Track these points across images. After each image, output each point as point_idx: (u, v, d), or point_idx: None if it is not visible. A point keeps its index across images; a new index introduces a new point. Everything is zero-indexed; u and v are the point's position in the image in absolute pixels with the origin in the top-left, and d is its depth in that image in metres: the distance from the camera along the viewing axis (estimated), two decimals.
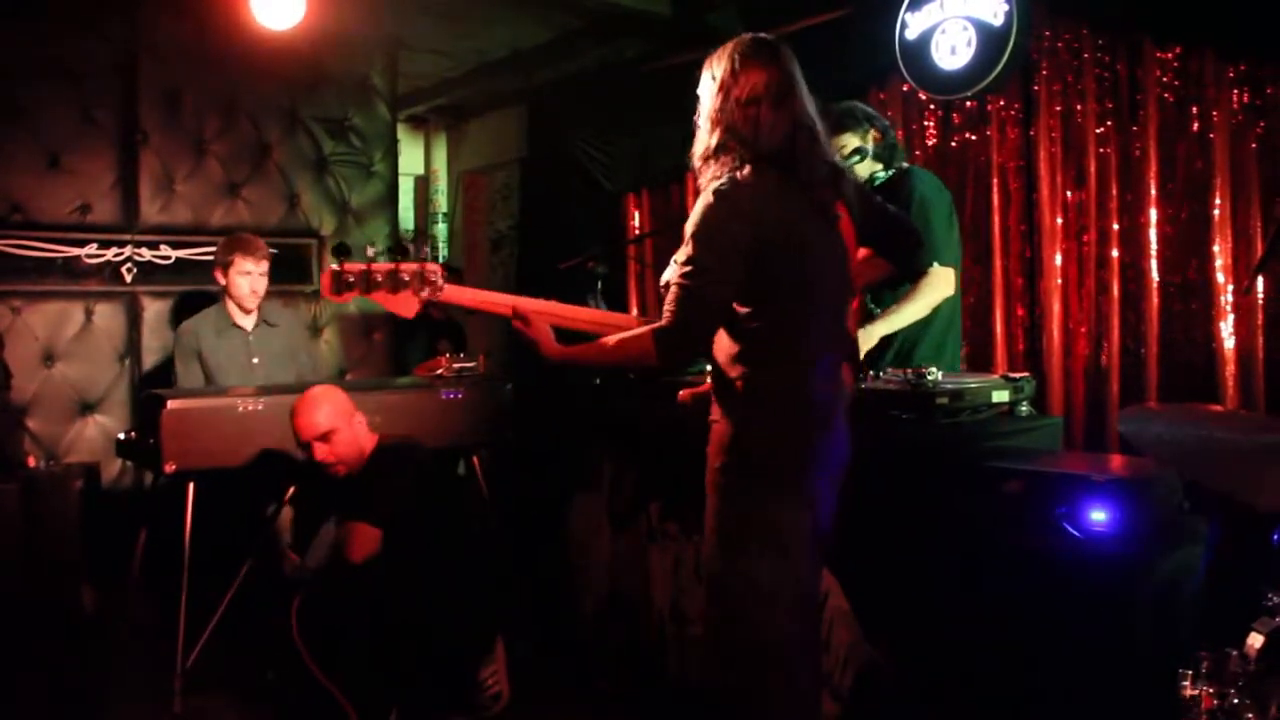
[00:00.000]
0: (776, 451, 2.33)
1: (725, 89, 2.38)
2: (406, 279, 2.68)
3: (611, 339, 2.44)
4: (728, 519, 2.37)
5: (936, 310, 3.63)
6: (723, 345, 2.38)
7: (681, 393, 2.72)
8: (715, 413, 2.41)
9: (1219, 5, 3.87)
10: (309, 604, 3.33)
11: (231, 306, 4.58)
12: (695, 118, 2.46)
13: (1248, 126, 3.90)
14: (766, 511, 2.32)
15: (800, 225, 2.33)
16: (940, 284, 3.59)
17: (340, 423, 3.45)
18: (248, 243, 4.60)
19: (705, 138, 2.41)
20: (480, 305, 2.76)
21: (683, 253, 2.30)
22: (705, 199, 2.30)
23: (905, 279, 3.54)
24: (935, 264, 3.57)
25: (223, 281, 4.56)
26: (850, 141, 3.64)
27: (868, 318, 3.58)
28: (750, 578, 2.33)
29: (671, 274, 2.34)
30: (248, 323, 4.61)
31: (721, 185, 2.29)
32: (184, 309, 4.76)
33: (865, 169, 3.65)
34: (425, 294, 2.70)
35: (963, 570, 2.82)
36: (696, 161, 2.43)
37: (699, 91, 2.46)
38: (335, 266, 2.66)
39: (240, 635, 4.22)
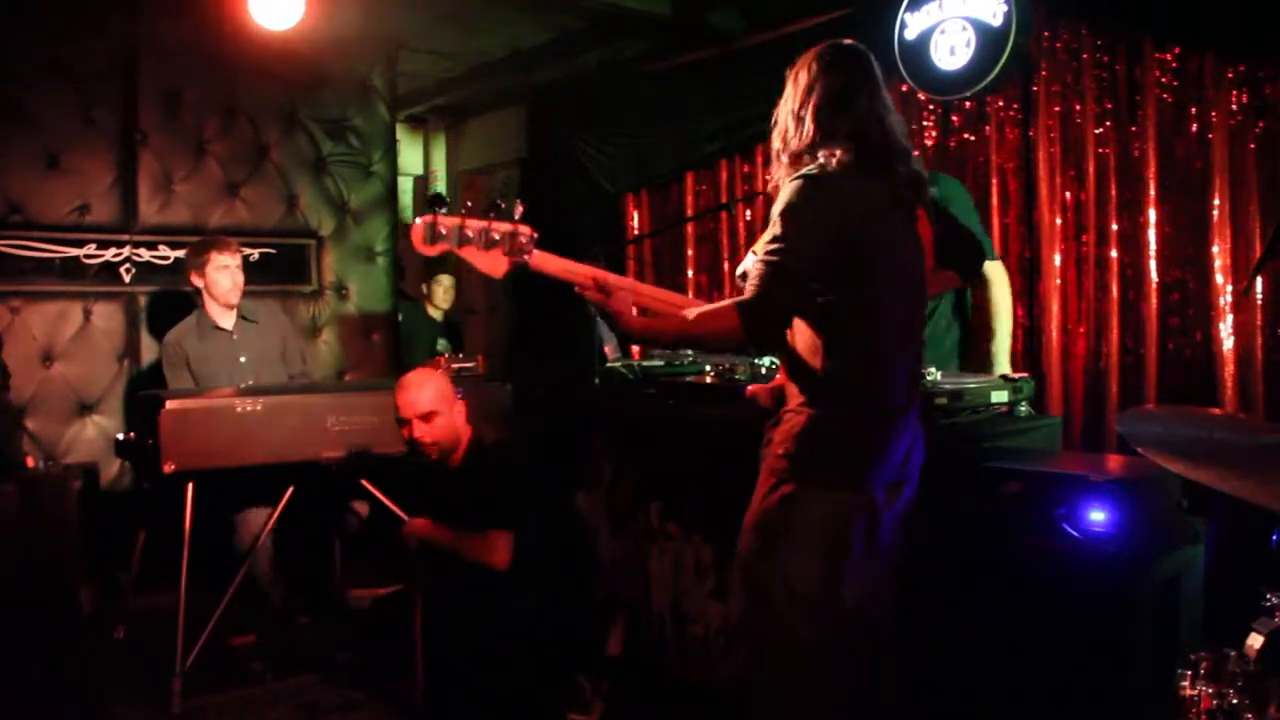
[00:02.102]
0: (849, 447, 2.32)
1: (785, 99, 2.45)
2: (498, 238, 2.59)
3: (692, 312, 2.42)
4: (775, 511, 2.34)
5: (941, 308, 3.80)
6: (804, 336, 2.36)
7: (751, 388, 2.71)
8: (792, 403, 2.38)
9: (1218, 5, 3.87)
10: (436, 607, 3.39)
11: (212, 308, 4.58)
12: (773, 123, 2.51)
13: (1247, 127, 3.90)
14: (818, 508, 2.31)
15: (886, 218, 2.34)
16: (1005, 274, 3.92)
17: (443, 406, 3.49)
18: (219, 239, 4.64)
19: (773, 142, 2.48)
20: (565, 275, 2.68)
21: (770, 231, 2.31)
22: (794, 182, 2.31)
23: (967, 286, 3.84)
24: (993, 260, 3.86)
25: (200, 283, 4.56)
26: None
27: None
28: (787, 574, 2.31)
29: (751, 262, 2.33)
30: (229, 322, 4.61)
31: (811, 170, 2.31)
32: (180, 309, 4.75)
33: None
34: (514, 257, 2.62)
35: (962, 571, 2.82)
36: (772, 163, 2.49)
37: None
38: (430, 217, 2.55)
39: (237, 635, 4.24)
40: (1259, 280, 3.82)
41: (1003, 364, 3.87)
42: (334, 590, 4.19)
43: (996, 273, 3.88)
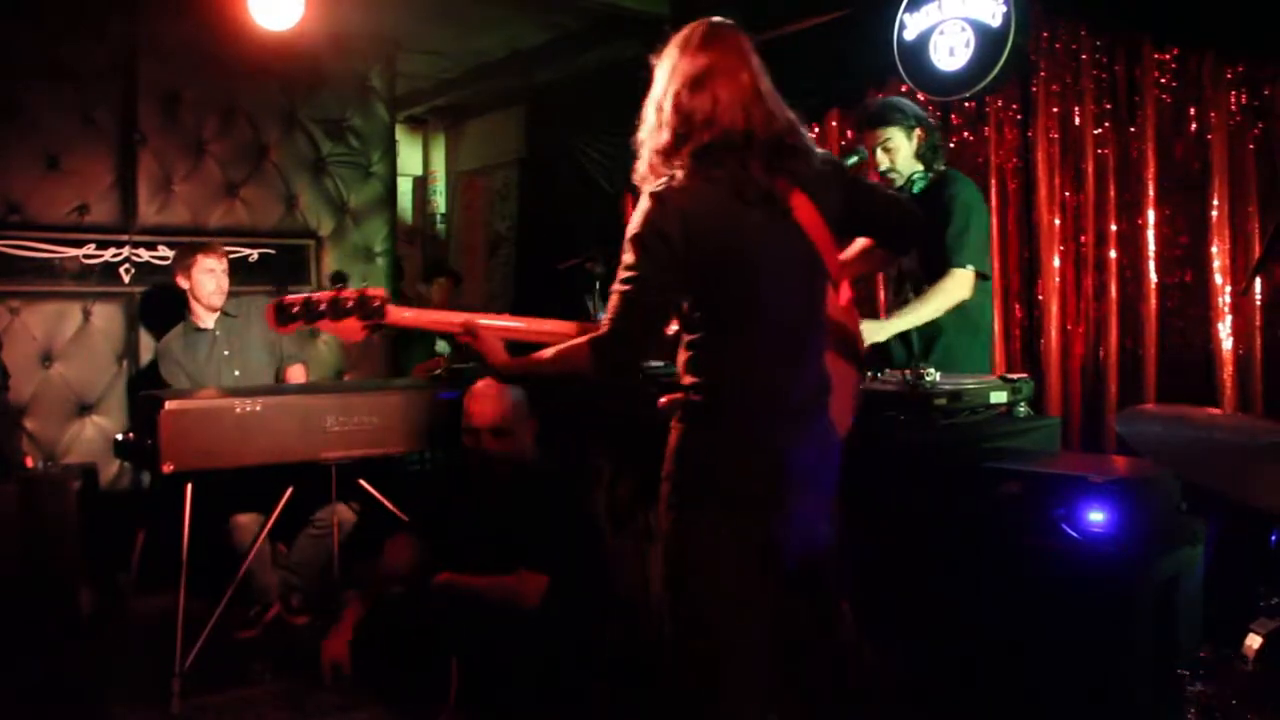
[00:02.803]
0: (722, 461, 2.24)
1: (651, 86, 2.37)
2: (349, 306, 2.70)
3: (554, 349, 2.39)
4: (668, 528, 2.30)
5: (966, 313, 3.66)
6: (680, 353, 2.33)
7: (662, 399, 2.62)
8: (674, 418, 2.33)
9: (1217, 6, 3.87)
10: (472, 643, 3.34)
11: (196, 310, 4.62)
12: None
13: (1246, 127, 3.90)
14: (705, 523, 2.23)
15: (741, 221, 2.21)
16: (958, 287, 3.60)
17: (518, 425, 3.42)
18: (206, 244, 4.69)
19: (639, 134, 2.39)
20: (428, 325, 2.83)
21: (623, 256, 2.25)
22: (642, 202, 2.24)
23: (901, 253, 3.46)
24: (961, 267, 3.59)
25: (186, 285, 4.59)
26: (893, 135, 3.66)
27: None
28: (687, 588, 2.27)
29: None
30: (209, 321, 4.64)
31: (657, 188, 2.22)
32: (179, 309, 4.74)
33: (905, 167, 3.67)
34: (369, 320, 2.71)
35: (961, 572, 2.82)
36: (638, 157, 2.39)
37: None
38: (277, 300, 2.72)
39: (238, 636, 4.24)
40: (1258, 281, 3.82)
41: (882, 328, 3.56)
42: (333, 591, 4.18)
43: (957, 276, 3.59)
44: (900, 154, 3.66)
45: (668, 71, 2.33)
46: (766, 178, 2.23)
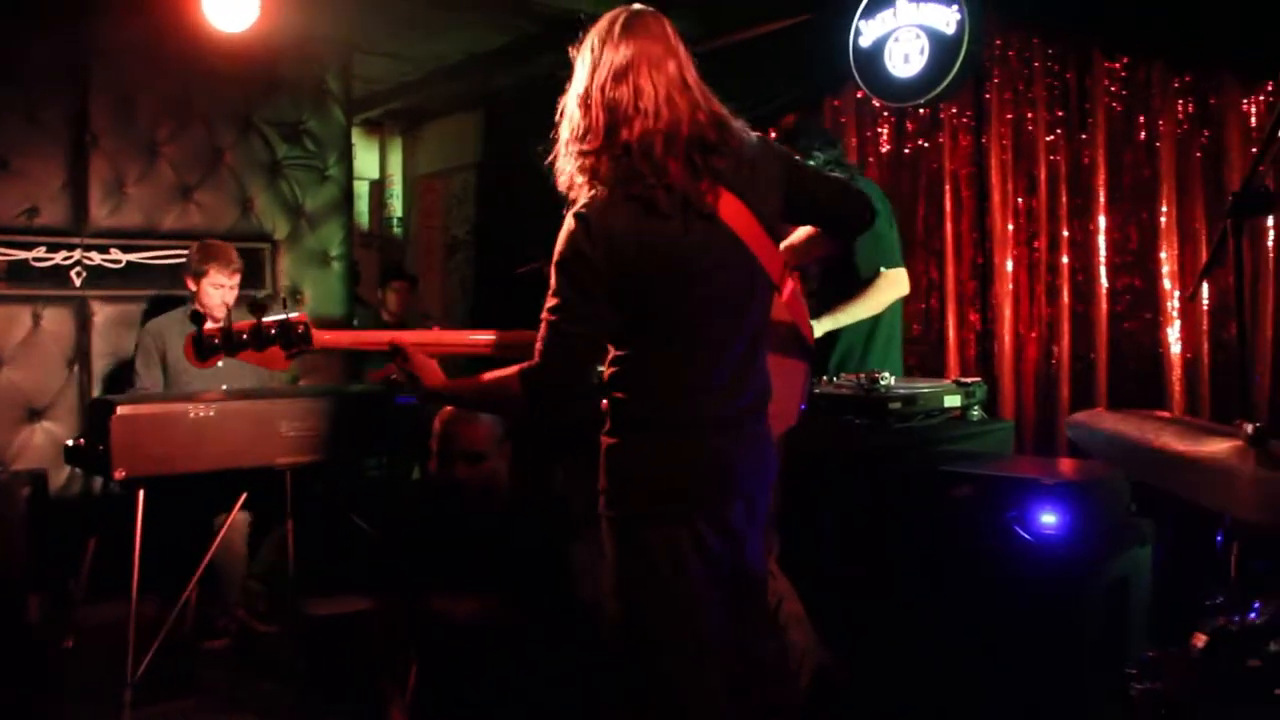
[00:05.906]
0: (651, 471, 2.15)
1: (574, 81, 2.24)
2: (272, 334, 2.53)
3: (486, 377, 2.28)
4: (607, 542, 2.21)
5: (883, 314, 3.71)
6: (606, 367, 2.23)
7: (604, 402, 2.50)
8: (602, 433, 2.24)
9: (1166, 17, 3.94)
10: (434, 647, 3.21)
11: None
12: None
13: (1193, 135, 3.97)
14: (639, 538, 2.16)
15: (661, 237, 2.09)
16: (895, 285, 3.68)
17: (492, 449, 3.17)
18: (223, 254, 4.53)
19: (560, 132, 2.27)
20: (358, 345, 2.72)
21: (551, 281, 2.14)
22: (566, 224, 2.14)
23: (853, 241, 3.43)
24: (892, 267, 3.66)
25: (193, 289, 4.51)
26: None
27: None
28: (630, 599, 2.20)
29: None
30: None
31: (579, 208, 2.13)
32: (132, 314, 4.68)
33: None
34: (294, 347, 2.54)
35: (916, 573, 2.84)
36: (561, 155, 2.28)
37: None
38: (196, 332, 2.52)
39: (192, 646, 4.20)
40: (1205, 286, 3.89)
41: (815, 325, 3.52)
42: (291, 598, 4.14)
43: (892, 276, 3.66)
44: None
45: (589, 64, 2.19)
46: (686, 182, 2.11)
